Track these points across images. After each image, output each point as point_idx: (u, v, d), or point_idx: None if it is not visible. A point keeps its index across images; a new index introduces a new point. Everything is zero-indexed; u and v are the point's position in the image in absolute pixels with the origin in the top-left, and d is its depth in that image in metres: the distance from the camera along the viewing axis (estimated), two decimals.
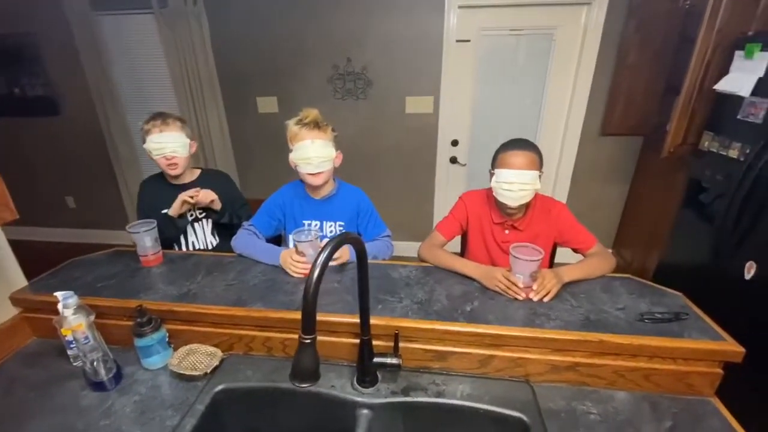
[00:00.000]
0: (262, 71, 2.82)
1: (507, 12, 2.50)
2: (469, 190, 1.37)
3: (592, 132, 2.70)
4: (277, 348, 1.02)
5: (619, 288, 1.09)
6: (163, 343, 0.99)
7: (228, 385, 0.94)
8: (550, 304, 1.01)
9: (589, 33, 2.44)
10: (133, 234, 1.19)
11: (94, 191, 3.40)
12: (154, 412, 0.88)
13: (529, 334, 0.90)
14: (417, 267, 1.21)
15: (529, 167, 1.13)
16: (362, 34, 2.63)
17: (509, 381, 0.94)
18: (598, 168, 2.79)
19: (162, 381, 0.97)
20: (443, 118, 2.77)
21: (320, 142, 1.26)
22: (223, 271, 1.19)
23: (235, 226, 1.47)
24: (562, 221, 1.26)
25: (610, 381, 0.92)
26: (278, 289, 1.10)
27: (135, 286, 1.12)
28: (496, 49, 2.62)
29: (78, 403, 0.91)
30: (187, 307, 1.01)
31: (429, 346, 0.95)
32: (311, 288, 0.62)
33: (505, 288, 1.02)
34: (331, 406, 0.92)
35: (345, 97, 2.82)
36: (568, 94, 2.65)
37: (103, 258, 1.30)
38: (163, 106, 3.04)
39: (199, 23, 2.65)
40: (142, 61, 2.94)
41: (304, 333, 0.64)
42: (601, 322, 0.95)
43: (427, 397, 0.90)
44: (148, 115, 1.44)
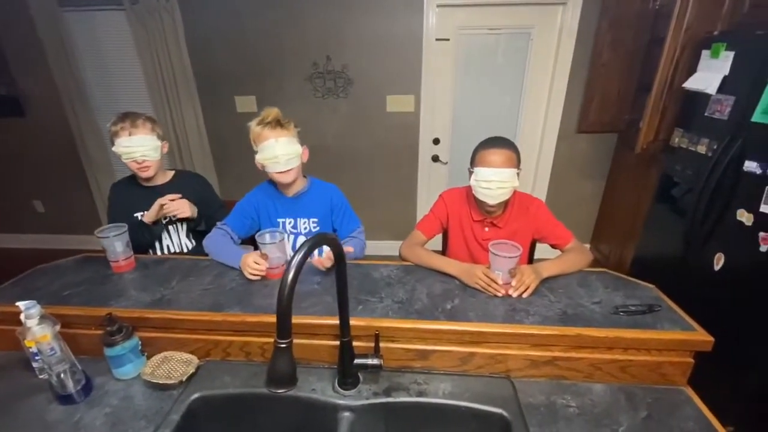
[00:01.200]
0: (240, 70, 2.76)
1: (485, 11, 2.52)
2: (449, 189, 1.37)
3: (569, 129, 2.75)
4: (255, 353, 1.00)
5: (595, 282, 1.11)
6: (135, 351, 0.95)
7: (204, 393, 0.91)
8: (529, 299, 1.02)
9: (564, 32, 2.49)
10: (102, 239, 1.14)
11: (64, 195, 3.27)
12: (126, 424, 0.84)
13: (509, 330, 0.91)
14: (398, 266, 1.21)
15: (507, 165, 1.14)
16: (342, 33, 2.60)
17: (490, 378, 0.94)
18: (575, 164, 2.85)
19: (135, 391, 0.93)
20: (424, 117, 2.78)
21: (284, 139, 1.25)
22: (199, 276, 1.16)
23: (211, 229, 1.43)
24: (539, 218, 1.27)
25: (588, 374, 0.93)
26: (256, 292, 1.08)
27: (105, 293, 1.08)
28: (475, 48, 2.64)
29: (44, 418, 0.87)
30: (161, 314, 0.98)
31: (410, 345, 0.95)
32: (285, 290, 0.61)
33: (485, 285, 1.02)
34: (312, 409, 0.90)
35: (326, 95, 2.79)
36: (546, 93, 2.70)
37: (70, 264, 1.24)
38: (137, 106, 2.94)
39: (173, 20, 2.57)
40: (113, 59, 2.84)
41: (279, 337, 0.62)
42: (578, 316, 0.96)
43: (408, 397, 0.90)
44: (115, 116, 1.38)
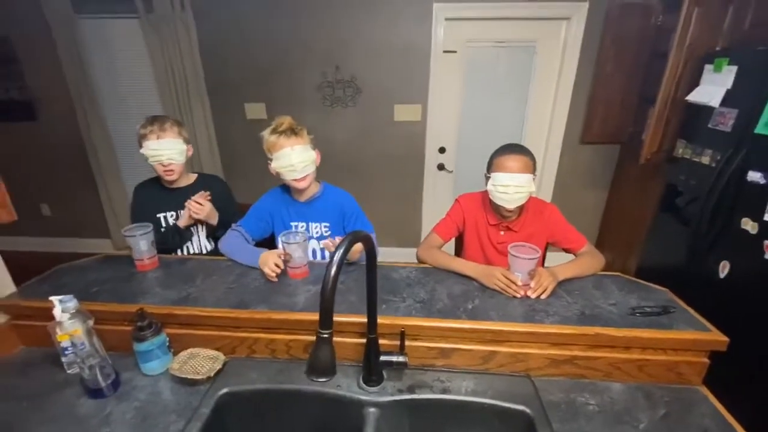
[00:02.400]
0: (251, 78, 2.81)
1: (491, 25, 2.60)
2: (464, 193, 1.41)
3: (573, 140, 2.81)
4: (280, 350, 1.02)
5: (609, 285, 1.14)
6: (163, 347, 0.97)
7: (232, 388, 0.93)
8: (547, 300, 1.05)
9: (568, 46, 2.56)
10: (128, 238, 1.16)
11: (72, 198, 3.29)
12: (156, 418, 0.86)
13: (530, 330, 0.94)
14: (416, 268, 1.24)
15: (524, 170, 1.18)
16: (351, 43, 2.67)
17: (511, 376, 0.97)
18: (578, 175, 2.90)
19: (162, 386, 0.95)
20: (431, 126, 2.83)
21: (299, 147, 1.28)
22: (222, 275, 1.18)
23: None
24: (554, 222, 1.31)
25: (606, 373, 0.96)
26: (280, 290, 1.10)
27: (131, 291, 1.10)
28: (481, 60, 2.71)
29: (75, 412, 0.88)
30: (188, 311, 1.00)
31: (433, 343, 0.97)
32: (329, 284, 0.64)
33: (504, 286, 1.05)
34: (337, 405, 0.92)
35: (334, 104, 2.84)
36: (550, 104, 2.76)
37: (92, 264, 1.26)
38: (147, 112, 2.99)
39: (187, 29, 2.63)
40: (126, 66, 2.88)
41: (321, 328, 0.65)
42: (596, 316, 0.99)
43: (432, 394, 0.92)
44: (144, 119, 1.44)
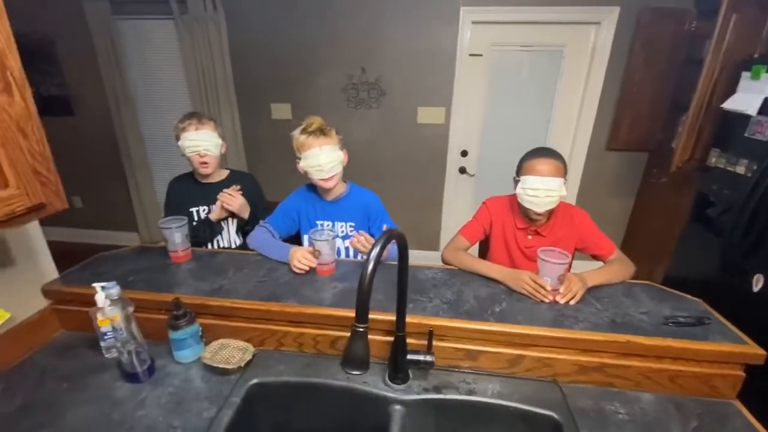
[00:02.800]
0: (277, 78, 2.87)
1: (518, 29, 2.58)
2: (492, 196, 1.40)
3: (599, 147, 2.76)
4: (308, 344, 1.03)
5: (640, 293, 1.12)
6: (195, 336, 1.00)
7: (262, 379, 0.95)
8: (576, 306, 1.04)
9: (597, 51, 2.53)
10: (164, 230, 1.20)
11: (102, 192, 3.41)
12: (189, 404, 0.89)
13: (559, 335, 0.93)
14: (442, 269, 1.24)
15: (554, 174, 1.17)
16: (377, 45, 2.70)
17: (538, 381, 0.96)
18: (603, 182, 2.85)
19: (194, 374, 0.98)
20: (454, 129, 2.83)
21: (328, 147, 1.30)
22: (253, 268, 1.21)
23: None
24: (583, 228, 1.30)
25: (636, 382, 0.94)
26: (308, 286, 1.12)
27: (166, 281, 1.14)
28: (507, 64, 2.69)
29: (112, 394, 0.91)
30: (221, 302, 1.03)
31: (459, 344, 0.97)
32: (366, 279, 0.65)
33: (532, 290, 1.05)
34: (364, 401, 0.93)
35: (358, 106, 2.87)
36: (576, 110, 2.73)
37: (130, 253, 1.31)
38: (178, 110, 3.09)
39: (218, 29, 2.71)
40: (159, 65, 2.99)
41: (357, 322, 0.66)
42: (627, 324, 0.97)
43: (458, 395, 0.92)
44: (182, 115, 1.51)
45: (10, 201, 0.70)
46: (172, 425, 0.83)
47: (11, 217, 0.71)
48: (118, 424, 0.83)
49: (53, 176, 0.80)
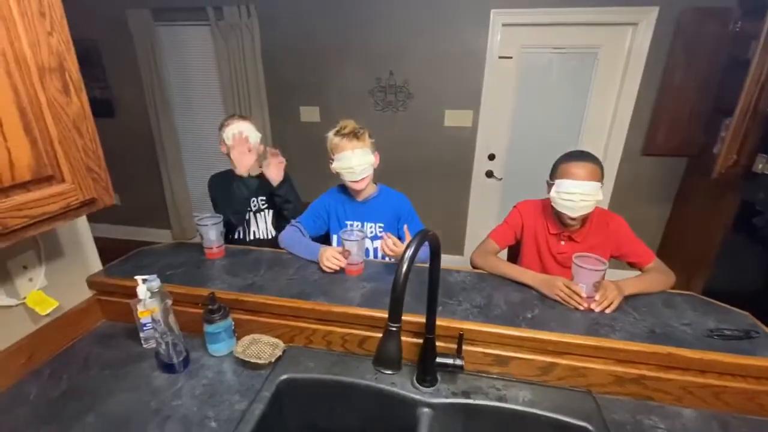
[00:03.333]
0: (307, 82, 2.93)
1: (550, 30, 2.54)
2: (523, 200, 1.38)
3: (634, 151, 2.67)
4: (336, 342, 1.04)
5: (682, 304, 1.07)
6: (228, 331, 1.03)
7: (292, 375, 0.97)
8: (613, 315, 1.00)
9: (634, 53, 2.45)
10: (200, 227, 1.25)
11: (139, 190, 3.56)
12: (222, 396, 0.91)
13: (594, 343, 0.90)
14: (470, 273, 1.23)
15: (591, 178, 1.14)
16: (406, 49, 2.71)
17: (571, 390, 0.93)
18: (638, 188, 2.75)
19: (226, 368, 1.00)
20: (481, 132, 2.80)
21: (359, 150, 1.34)
22: (283, 267, 1.23)
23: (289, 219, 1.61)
24: (620, 234, 1.25)
25: (677, 397, 0.90)
26: (337, 285, 1.13)
27: (202, 276, 1.17)
28: (537, 66, 2.65)
29: (150, 383, 0.95)
30: (254, 298, 1.05)
31: (489, 350, 0.96)
32: (401, 279, 0.65)
33: (566, 297, 1.02)
34: (391, 402, 0.93)
35: (385, 109, 2.89)
36: (610, 113, 2.64)
37: (167, 249, 1.36)
38: (211, 112, 3.21)
39: (252, 34, 2.79)
40: (194, 69, 3.11)
41: (391, 321, 0.66)
42: (668, 335, 0.93)
43: (488, 401, 0.90)
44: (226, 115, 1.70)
45: (65, 195, 0.74)
46: (206, 416, 0.85)
47: (66, 211, 0.75)
48: (155, 412, 0.86)
49: (104, 173, 0.84)
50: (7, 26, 0.63)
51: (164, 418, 0.85)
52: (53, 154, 0.71)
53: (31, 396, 0.90)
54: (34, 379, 0.95)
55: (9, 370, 0.93)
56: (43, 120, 0.69)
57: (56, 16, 0.71)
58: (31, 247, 0.99)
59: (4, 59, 0.63)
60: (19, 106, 0.65)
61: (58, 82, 0.71)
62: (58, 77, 0.71)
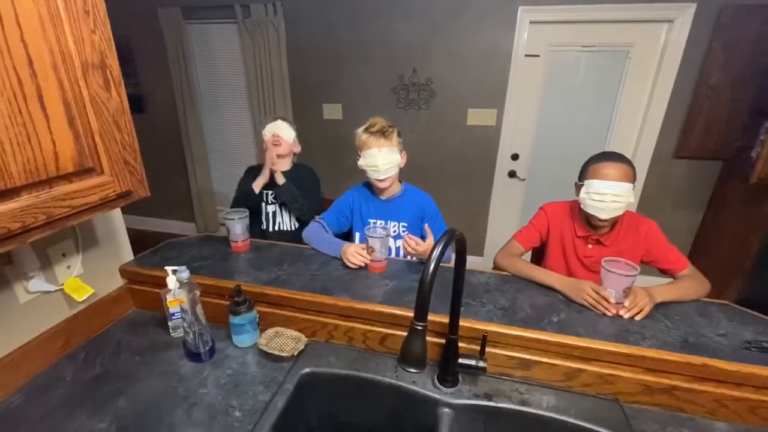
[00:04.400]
0: (330, 79, 2.95)
1: (580, 28, 2.47)
2: (550, 202, 1.35)
3: (665, 154, 2.57)
4: (357, 339, 1.05)
5: (717, 313, 1.03)
6: (253, 323, 1.05)
7: (314, 369, 0.98)
8: (643, 322, 0.97)
9: (668, 51, 2.35)
10: (228, 220, 1.27)
11: (165, 184, 3.67)
12: (246, 387, 0.93)
13: (624, 351, 0.87)
14: (494, 274, 1.21)
15: (623, 179, 1.10)
16: (431, 47, 2.69)
17: (597, 398, 0.91)
18: (669, 192, 2.65)
19: (250, 359, 1.02)
20: (505, 132, 2.76)
21: (386, 149, 1.34)
22: (306, 262, 1.25)
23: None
24: (651, 239, 1.21)
25: (710, 410, 0.87)
26: (360, 282, 1.14)
27: (228, 269, 1.20)
28: (565, 65, 2.58)
29: (178, 371, 0.98)
30: (278, 291, 1.07)
31: (513, 353, 0.94)
32: (428, 279, 0.64)
33: (594, 302, 0.99)
34: (412, 401, 0.93)
35: (407, 107, 2.88)
36: (641, 114, 2.56)
37: (195, 241, 1.40)
38: (237, 108, 3.27)
39: (277, 32, 2.83)
40: (221, 66, 3.18)
41: (417, 320, 0.66)
42: (702, 345, 0.90)
43: (511, 404, 0.89)
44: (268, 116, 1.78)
45: (104, 187, 0.77)
46: (231, 405, 0.87)
47: (104, 202, 0.78)
48: (183, 398, 0.89)
49: (139, 166, 0.87)
50: (54, 23, 0.65)
51: (191, 405, 0.87)
52: (94, 147, 0.74)
53: (67, 378, 0.95)
54: (70, 362, 1.00)
55: (48, 352, 0.98)
56: (85, 114, 0.72)
57: (99, 14, 0.74)
58: (69, 236, 1.04)
59: (51, 55, 0.65)
60: (65, 100, 0.68)
61: (100, 77, 0.74)
62: (100, 73, 0.74)
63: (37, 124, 0.63)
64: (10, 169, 0.60)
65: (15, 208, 0.61)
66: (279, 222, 1.82)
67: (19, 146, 0.61)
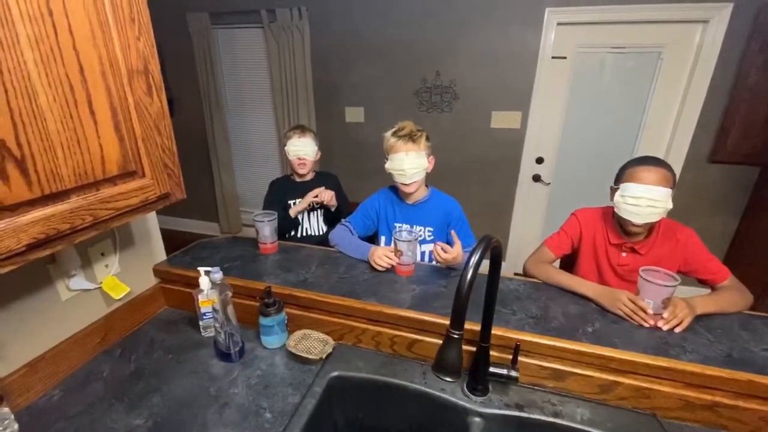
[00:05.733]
0: (353, 82, 2.96)
1: (609, 29, 2.41)
2: (582, 207, 1.32)
3: (699, 158, 2.48)
4: (385, 343, 1.05)
5: (762, 327, 0.98)
6: (282, 325, 1.06)
7: (342, 373, 0.98)
8: (683, 335, 0.93)
9: (704, 52, 2.27)
10: (257, 222, 1.29)
11: (191, 185, 3.72)
12: (276, 388, 0.94)
13: (664, 364, 0.84)
14: (524, 282, 1.19)
15: (661, 184, 1.06)
16: (455, 49, 2.67)
17: (634, 412, 0.88)
18: (703, 198, 2.55)
19: (278, 361, 1.03)
20: (530, 135, 2.71)
21: (413, 154, 1.33)
22: (333, 265, 1.25)
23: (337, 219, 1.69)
24: (690, 248, 1.16)
25: (756, 428, 0.83)
26: (387, 286, 1.13)
27: (257, 270, 1.22)
28: (593, 67, 2.52)
29: (209, 370, 1.00)
30: (308, 294, 1.08)
31: (546, 363, 0.92)
32: (465, 286, 0.64)
33: (630, 312, 0.96)
34: (441, 408, 0.92)
35: (430, 109, 2.87)
36: (673, 117, 2.47)
37: (224, 242, 1.43)
38: (261, 112, 3.33)
39: (302, 36, 2.86)
40: (246, 70, 3.24)
41: (453, 328, 0.65)
42: (747, 361, 0.86)
43: (543, 416, 0.87)
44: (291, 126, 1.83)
45: (145, 189, 0.79)
46: (261, 406, 0.88)
47: (145, 204, 0.80)
48: (214, 398, 0.90)
49: (177, 169, 0.89)
50: (103, 31, 0.68)
51: (222, 404, 0.88)
52: (137, 151, 0.77)
53: (104, 373, 0.98)
54: (107, 358, 1.03)
55: (87, 348, 1.01)
56: (130, 119, 0.74)
57: (144, 21, 0.76)
58: (108, 236, 1.07)
59: (100, 62, 0.68)
60: (111, 105, 0.70)
61: (144, 83, 0.76)
62: (144, 79, 0.76)
63: (86, 129, 0.66)
64: (62, 172, 0.63)
65: (65, 209, 0.64)
66: (306, 227, 1.83)
67: (70, 150, 0.64)
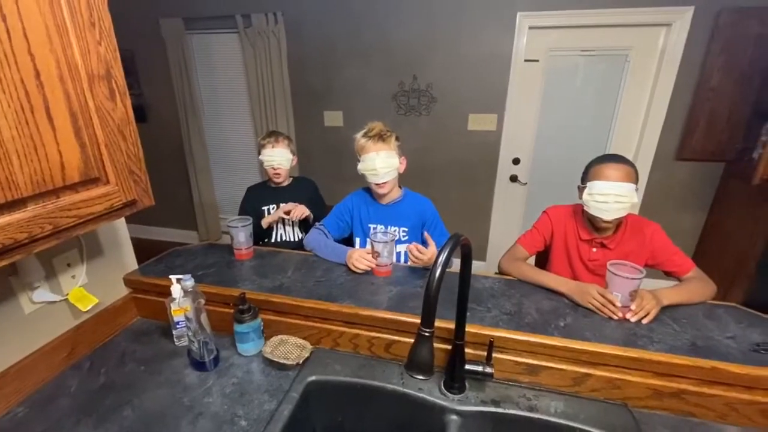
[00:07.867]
0: (331, 87, 2.97)
1: (579, 33, 2.49)
2: (553, 205, 1.35)
3: (666, 156, 2.57)
4: (363, 346, 1.04)
5: (724, 316, 1.02)
6: (258, 331, 1.05)
7: (319, 377, 0.97)
8: (650, 326, 0.96)
9: (667, 54, 2.37)
10: (231, 228, 1.27)
11: (167, 192, 3.67)
12: (251, 395, 0.92)
13: (632, 355, 0.87)
14: (499, 279, 1.21)
15: (625, 180, 1.10)
16: (430, 53, 2.70)
17: (605, 403, 0.90)
18: (671, 194, 2.65)
19: (255, 367, 1.02)
20: (506, 136, 2.76)
21: (384, 153, 1.34)
22: (310, 269, 1.25)
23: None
24: (656, 242, 1.20)
25: (721, 414, 0.86)
26: (364, 288, 1.13)
27: (232, 277, 1.20)
28: (564, 69, 2.60)
29: (182, 380, 0.97)
30: (283, 299, 1.07)
31: (520, 358, 0.94)
32: (434, 284, 0.64)
33: (600, 306, 0.99)
34: (419, 408, 0.92)
35: (408, 113, 2.89)
36: (641, 117, 2.56)
37: (199, 249, 1.40)
38: (238, 117, 3.29)
39: (278, 41, 2.85)
40: (223, 75, 3.20)
41: (424, 326, 0.66)
42: (710, 349, 0.89)
43: (519, 410, 0.88)
44: (265, 132, 1.81)
45: (110, 196, 0.77)
46: (236, 414, 0.86)
47: (110, 211, 0.78)
48: (188, 408, 0.88)
49: (144, 176, 0.87)
50: (60, 35, 0.66)
51: (196, 414, 0.86)
52: (100, 157, 0.75)
53: (72, 388, 0.94)
54: (75, 372, 0.99)
55: (52, 363, 0.98)
56: (91, 125, 0.72)
57: (105, 26, 0.75)
58: (74, 245, 1.04)
59: (58, 67, 0.66)
60: (71, 111, 0.68)
61: (106, 88, 0.75)
62: (106, 84, 0.75)
63: (43, 135, 0.64)
64: (17, 180, 0.61)
65: (22, 218, 0.62)
66: (281, 234, 1.82)
67: (26, 157, 0.62)
